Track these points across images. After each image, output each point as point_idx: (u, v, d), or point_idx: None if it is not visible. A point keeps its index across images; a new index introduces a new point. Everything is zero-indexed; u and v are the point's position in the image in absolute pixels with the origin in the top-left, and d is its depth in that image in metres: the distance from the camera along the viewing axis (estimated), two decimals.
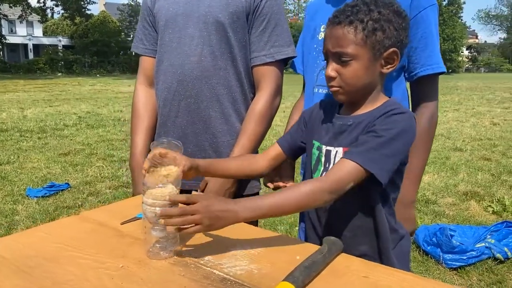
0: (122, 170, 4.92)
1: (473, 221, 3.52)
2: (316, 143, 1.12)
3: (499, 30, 68.78)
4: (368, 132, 0.98)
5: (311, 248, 0.97)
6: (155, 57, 1.46)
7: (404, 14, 1.02)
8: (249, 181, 1.45)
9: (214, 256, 0.94)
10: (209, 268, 0.89)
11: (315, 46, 1.37)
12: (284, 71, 1.48)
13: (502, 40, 67.76)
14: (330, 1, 1.36)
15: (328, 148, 1.08)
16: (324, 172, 1.08)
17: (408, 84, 1.33)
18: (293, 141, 1.20)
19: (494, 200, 3.97)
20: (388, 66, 1.02)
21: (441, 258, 2.74)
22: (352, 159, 0.95)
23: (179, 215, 0.89)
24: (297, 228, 3.31)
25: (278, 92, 1.40)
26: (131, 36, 37.71)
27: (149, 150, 1.41)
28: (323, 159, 1.09)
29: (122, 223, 1.13)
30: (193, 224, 0.89)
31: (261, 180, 1.50)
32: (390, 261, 1.04)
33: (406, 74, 1.28)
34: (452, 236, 2.83)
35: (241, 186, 1.42)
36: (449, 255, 2.74)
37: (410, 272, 0.91)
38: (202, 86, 1.35)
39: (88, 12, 36.12)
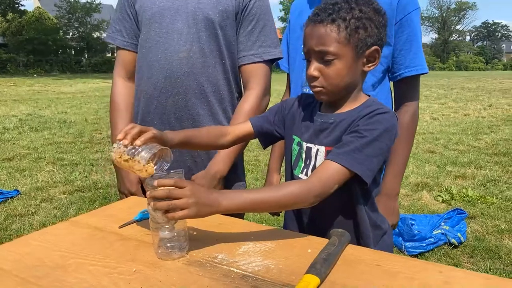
0: (75, 174, 4.70)
1: (426, 210, 3.74)
2: (296, 139, 1.13)
3: (431, 31, 73.25)
4: (351, 133, 0.99)
5: (319, 241, 0.99)
6: (134, 51, 1.42)
7: (383, 12, 1.03)
8: (235, 179, 1.46)
9: (226, 254, 0.94)
10: (225, 266, 0.89)
11: (302, 46, 1.39)
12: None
13: (433, 40, 72.17)
14: (310, 2, 1.40)
15: (309, 145, 1.08)
16: (305, 169, 1.10)
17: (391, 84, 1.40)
18: (268, 127, 1.18)
19: (443, 190, 4.25)
20: (370, 65, 1.03)
21: (403, 246, 2.90)
22: (337, 161, 0.95)
23: (165, 197, 0.86)
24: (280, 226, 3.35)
25: (266, 92, 1.41)
26: (70, 34, 35.91)
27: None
28: (303, 156, 1.10)
29: (120, 227, 1.09)
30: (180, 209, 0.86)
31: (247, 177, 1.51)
32: None
33: (389, 74, 1.35)
34: (412, 225, 2.99)
35: (227, 184, 1.42)
36: (410, 243, 2.90)
37: (419, 259, 0.97)
38: (191, 82, 1.34)
39: (22, 8, 34.01)
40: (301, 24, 1.40)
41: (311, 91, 1.34)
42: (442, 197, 4.04)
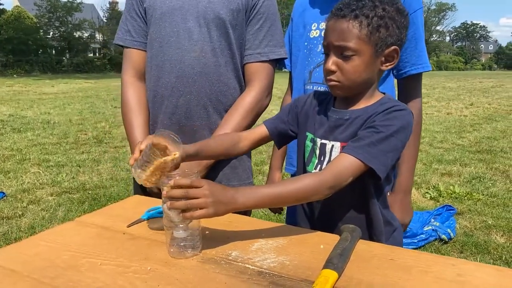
0: (62, 175, 4.62)
1: (416, 207, 3.80)
2: (310, 135, 1.13)
3: None
4: (367, 128, 1.00)
5: (330, 237, 1.00)
6: (144, 50, 1.40)
7: (406, 12, 1.04)
8: (244, 178, 1.45)
9: (239, 251, 0.94)
10: (240, 263, 0.88)
11: (305, 44, 1.40)
12: None
13: None
14: (317, 3, 1.40)
15: (323, 141, 1.09)
16: (319, 165, 1.10)
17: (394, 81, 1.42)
18: (282, 126, 1.19)
19: (430, 187, 4.32)
20: (388, 64, 1.04)
21: None
22: (352, 154, 0.96)
23: (183, 197, 0.86)
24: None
25: (268, 91, 1.41)
26: (51, 33, 35.25)
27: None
28: (317, 152, 1.10)
29: (129, 226, 1.08)
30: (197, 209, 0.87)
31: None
32: None
33: (394, 72, 1.36)
34: None
35: (234, 176, 1.42)
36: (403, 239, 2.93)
37: (430, 253, 0.98)
38: (203, 82, 1.33)
39: (0, 7, 33.25)
40: (305, 21, 1.41)
41: (314, 88, 1.35)
42: (430, 194, 4.10)
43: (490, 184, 4.42)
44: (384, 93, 1.09)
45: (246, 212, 1.36)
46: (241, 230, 1.06)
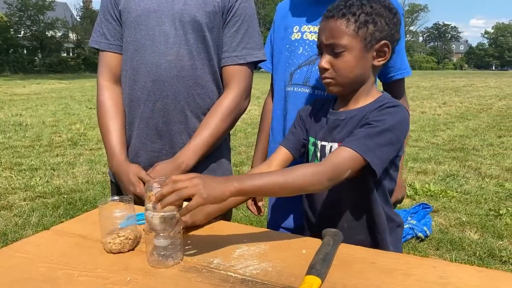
0: (36, 179, 4.49)
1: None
2: (312, 139, 1.16)
3: None
4: (363, 125, 1.02)
5: (312, 241, 1.00)
6: (119, 53, 1.37)
7: (395, 10, 1.07)
8: (220, 175, 1.42)
9: (221, 258, 0.93)
10: (222, 271, 0.87)
11: (287, 46, 1.40)
12: None
13: None
14: (293, 4, 1.41)
15: (323, 143, 1.12)
16: None
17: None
18: (297, 140, 1.21)
19: (407, 185, 4.40)
20: (380, 59, 1.07)
21: None
22: (349, 147, 0.98)
23: (172, 190, 0.84)
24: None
25: (247, 93, 1.39)
26: (22, 32, 34.26)
27: (127, 148, 1.35)
28: (318, 154, 1.13)
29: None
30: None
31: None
32: (388, 250, 1.08)
33: (380, 76, 1.39)
34: None
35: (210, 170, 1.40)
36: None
37: (411, 255, 0.99)
38: (180, 86, 1.30)
39: None
40: (286, 24, 1.42)
41: (298, 90, 1.36)
42: (406, 192, 4.17)
43: (464, 182, 4.54)
44: (382, 92, 1.12)
45: (226, 216, 1.35)
46: (222, 235, 1.05)
